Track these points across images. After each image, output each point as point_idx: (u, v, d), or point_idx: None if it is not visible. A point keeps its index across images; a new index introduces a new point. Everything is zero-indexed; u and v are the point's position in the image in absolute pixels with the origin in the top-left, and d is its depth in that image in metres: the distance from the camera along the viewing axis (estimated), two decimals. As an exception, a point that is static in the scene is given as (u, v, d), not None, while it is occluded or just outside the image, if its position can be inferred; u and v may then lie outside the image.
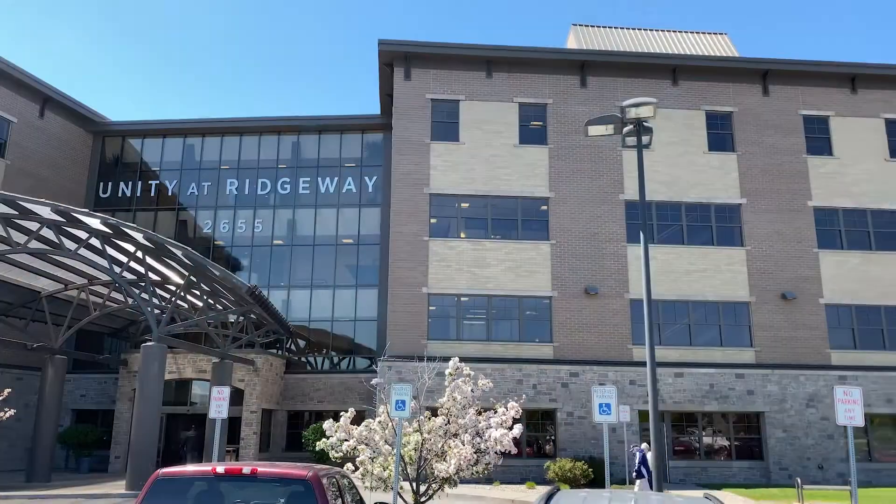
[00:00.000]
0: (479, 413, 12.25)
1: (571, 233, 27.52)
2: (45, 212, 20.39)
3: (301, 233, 34.22)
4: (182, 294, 25.02)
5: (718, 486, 23.68)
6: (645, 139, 12.08)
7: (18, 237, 21.84)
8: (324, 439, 12.24)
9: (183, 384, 30.04)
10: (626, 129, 12.04)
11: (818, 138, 29.45)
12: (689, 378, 26.21)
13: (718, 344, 27.05)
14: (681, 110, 29.05)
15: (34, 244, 21.48)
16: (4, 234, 20.71)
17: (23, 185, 29.96)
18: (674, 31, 37.44)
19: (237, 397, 27.85)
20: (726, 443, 26.46)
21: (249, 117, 35.20)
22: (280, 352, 32.63)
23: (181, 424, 30.28)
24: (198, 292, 25.71)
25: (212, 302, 27.01)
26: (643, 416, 25.82)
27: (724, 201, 28.38)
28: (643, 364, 26.03)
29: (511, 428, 11.65)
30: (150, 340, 21.63)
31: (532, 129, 28.76)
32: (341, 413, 12.58)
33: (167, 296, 27.16)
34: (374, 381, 26.19)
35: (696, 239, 28.11)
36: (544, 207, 27.89)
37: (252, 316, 27.93)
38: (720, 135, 29.26)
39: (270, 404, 30.09)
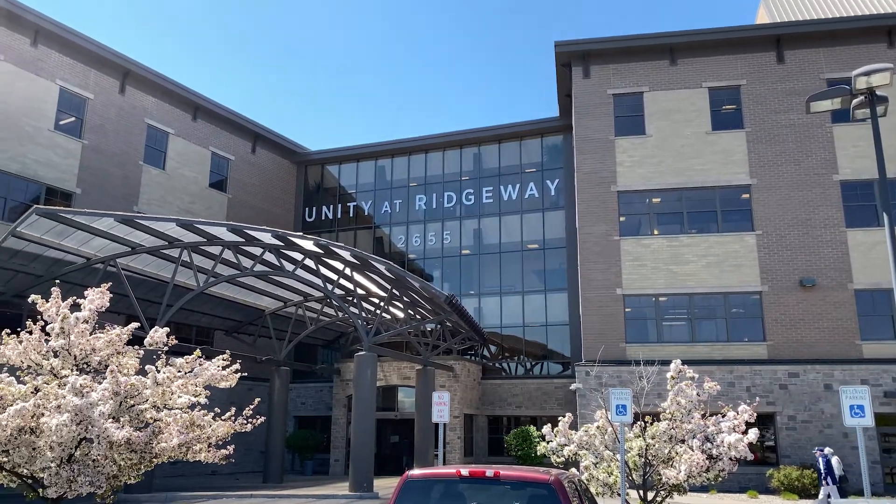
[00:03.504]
0: (704, 417, 11.60)
1: (779, 221, 25.41)
2: (266, 237, 22.56)
3: (487, 241, 34.88)
4: (385, 306, 26.47)
5: None
6: (880, 110, 10.80)
7: (244, 262, 24.39)
8: (543, 443, 12.27)
9: (389, 391, 31.72)
10: (854, 102, 10.83)
11: None
12: (937, 376, 23.00)
13: (973, 336, 23.50)
14: (901, 74, 25.76)
15: (258, 267, 23.85)
16: (235, 261, 23.21)
17: (242, 216, 33.47)
18: (883, -12, 33.36)
19: (440, 403, 28.88)
20: None
21: (432, 134, 36.57)
22: (475, 358, 33.39)
23: (389, 429, 31.95)
24: (399, 304, 27.06)
25: (411, 312, 28.30)
26: (880, 419, 23.07)
27: (966, 172, 24.67)
28: (876, 361, 23.37)
29: (745, 432, 10.90)
30: (361, 350, 23.08)
31: (725, 114, 27.01)
32: (559, 418, 12.53)
33: (371, 308, 28.89)
34: (573, 387, 25.85)
35: (931, 218, 24.70)
36: (746, 196, 26.02)
37: (448, 324, 28.86)
38: (954, 97, 25.52)
39: (471, 409, 30.85)
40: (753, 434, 10.84)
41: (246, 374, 12.45)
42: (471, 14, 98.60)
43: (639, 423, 11.93)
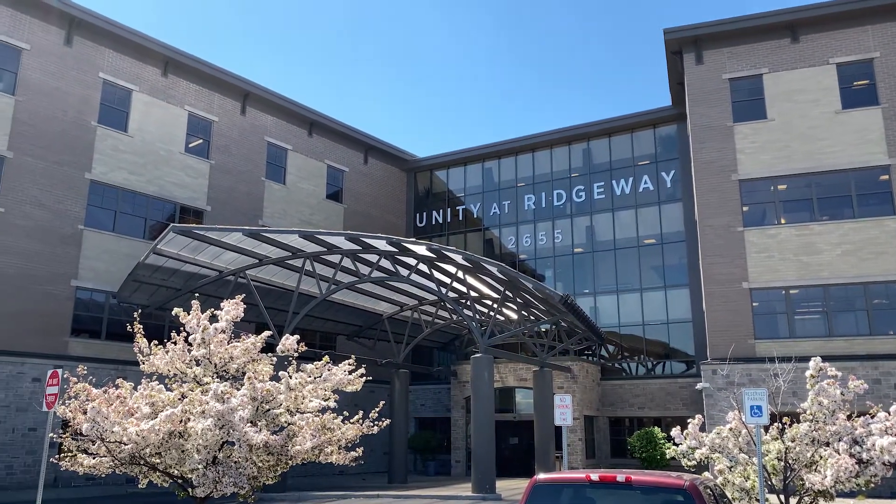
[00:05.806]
0: (850, 418, 10.79)
1: (926, 202, 23.25)
2: (382, 244, 23.18)
3: (600, 238, 34.16)
4: (498, 308, 26.51)
5: None
6: None
7: (362, 269, 25.18)
8: (672, 446, 11.83)
9: (506, 392, 31.70)
10: None
11: None
12: None
13: None
14: None
15: (375, 273, 24.54)
16: (353, 268, 24.01)
17: (357, 225, 34.58)
18: None
19: (559, 404, 28.54)
20: None
21: (539, 133, 36.29)
22: (593, 358, 32.74)
23: (507, 430, 31.88)
24: (512, 305, 27.00)
25: (525, 314, 28.16)
26: None
27: None
28: None
29: (900, 435, 10.04)
30: (476, 352, 23.21)
31: (856, 91, 25.05)
32: (688, 420, 12.04)
33: (484, 310, 29.01)
34: (699, 386, 24.81)
35: None
36: (885, 177, 24.00)
37: (563, 324, 28.48)
38: None
39: (591, 411, 30.29)
40: (910, 436, 9.97)
41: (370, 378, 12.83)
42: (572, 7, 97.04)
43: (776, 424, 11.27)
